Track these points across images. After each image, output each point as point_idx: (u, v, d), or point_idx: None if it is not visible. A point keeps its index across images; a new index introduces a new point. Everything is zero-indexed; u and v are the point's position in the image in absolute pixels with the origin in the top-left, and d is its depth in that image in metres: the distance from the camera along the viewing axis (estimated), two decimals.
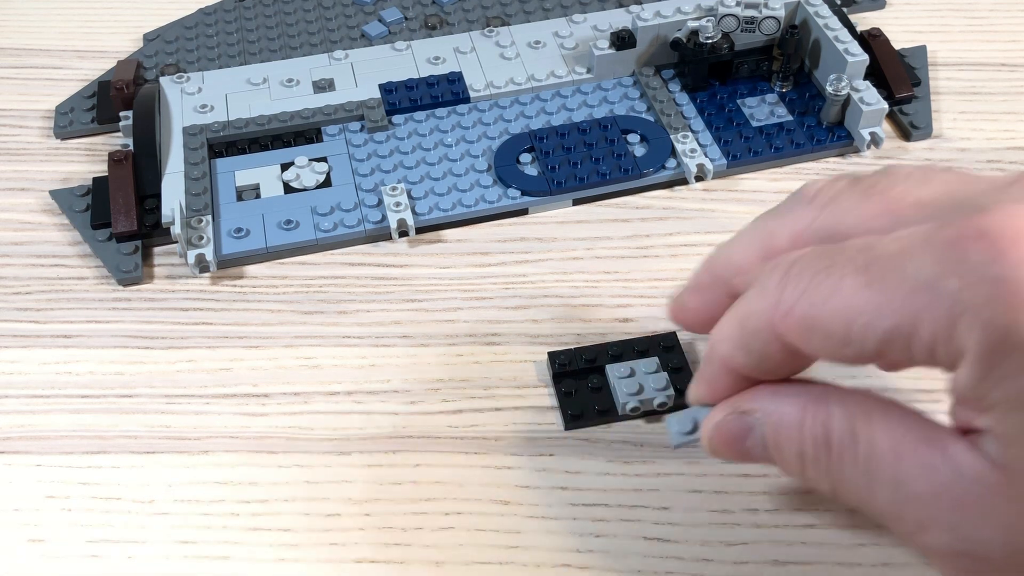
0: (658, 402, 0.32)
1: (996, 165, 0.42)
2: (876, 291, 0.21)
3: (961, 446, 0.21)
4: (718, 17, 0.43)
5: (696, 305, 0.27)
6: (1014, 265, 0.19)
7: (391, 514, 0.31)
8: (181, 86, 0.46)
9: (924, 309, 0.20)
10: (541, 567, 0.30)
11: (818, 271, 0.22)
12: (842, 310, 0.21)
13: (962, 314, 0.19)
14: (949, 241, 0.20)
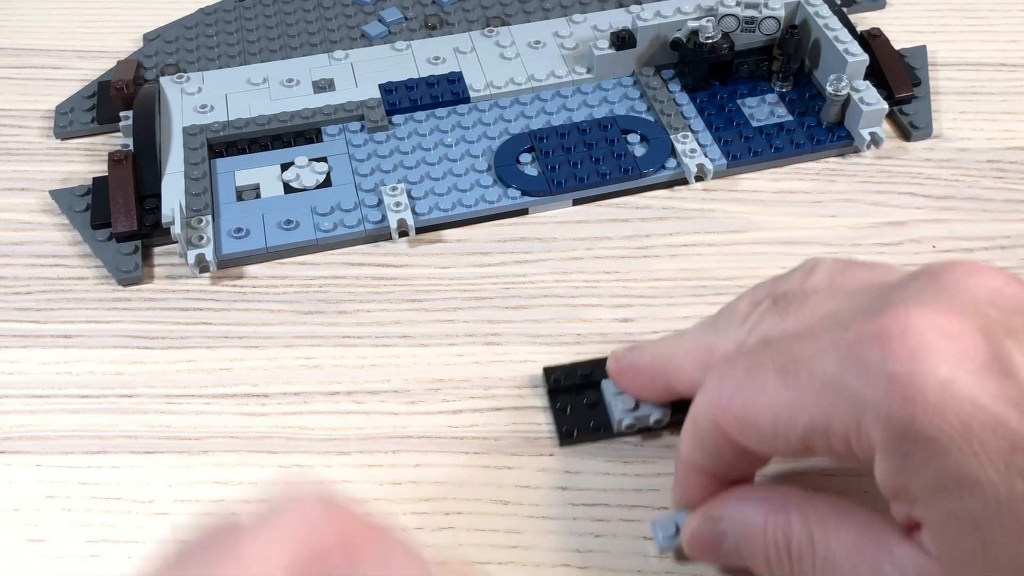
0: (654, 419, 0.32)
1: (996, 165, 0.42)
2: (792, 390, 0.23)
3: (905, 546, 0.22)
4: (718, 17, 0.43)
5: (631, 376, 0.31)
6: (905, 360, 0.21)
7: (391, 514, 0.31)
8: (181, 86, 0.46)
9: (832, 406, 0.22)
10: (541, 567, 0.30)
11: (747, 370, 0.24)
12: (767, 408, 0.23)
13: (864, 410, 0.21)
14: (849, 343, 0.22)
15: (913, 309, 0.22)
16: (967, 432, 0.20)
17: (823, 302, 0.25)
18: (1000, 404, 0.20)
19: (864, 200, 0.41)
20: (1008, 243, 0.39)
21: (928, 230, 0.40)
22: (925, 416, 0.20)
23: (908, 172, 0.42)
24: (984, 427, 0.20)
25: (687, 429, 0.27)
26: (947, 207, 0.41)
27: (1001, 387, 0.20)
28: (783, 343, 0.24)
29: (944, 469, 0.20)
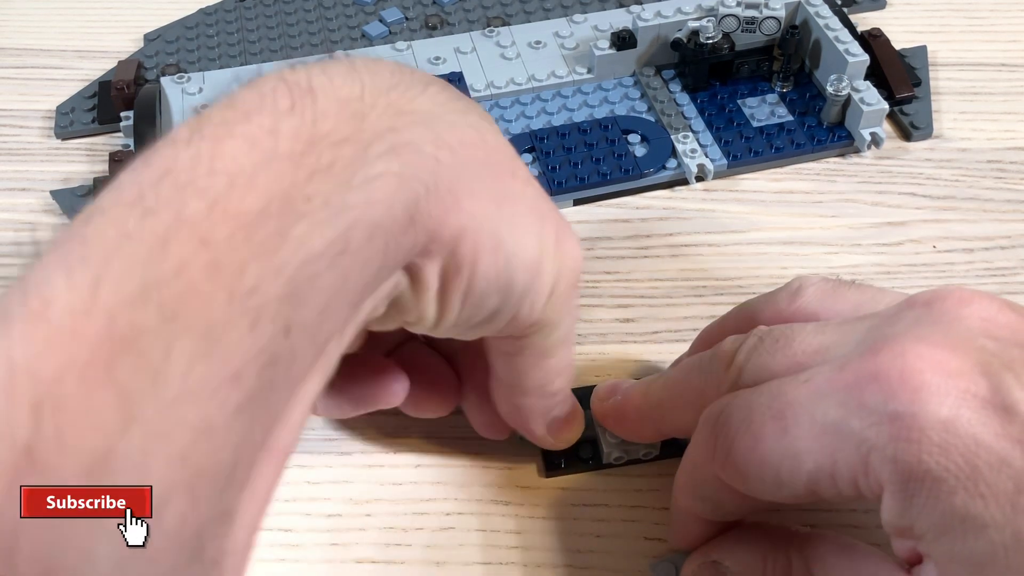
0: (643, 452, 0.31)
1: (996, 165, 0.42)
2: (792, 436, 0.22)
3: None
4: (719, 17, 0.43)
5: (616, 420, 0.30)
6: (907, 402, 0.21)
7: (391, 514, 0.31)
8: (182, 86, 0.46)
9: (837, 450, 0.22)
10: (541, 567, 0.30)
11: (743, 420, 0.24)
12: (768, 456, 0.23)
13: (870, 452, 0.21)
14: (847, 385, 0.22)
15: (909, 346, 0.21)
16: (973, 472, 0.20)
17: (812, 336, 0.24)
18: (1004, 442, 0.20)
19: (864, 200, 0.41)
20: (1008, 243, 0.39)
21: (928, 230, 0.40)
22: (931, 457, 0.20)
23: (908, 172, 0.42)
24: (989, 467, 0.20)
25: (683, 479, 0.26)
26: (947, 207, 0.41)
27: (1003, 425, 0.20)
28: (775, 388, 0.23)
29: (950, 510, 0.20)
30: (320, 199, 0.19)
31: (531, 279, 0.24)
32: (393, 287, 0.22)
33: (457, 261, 0.22)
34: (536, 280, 0.24)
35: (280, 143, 0.19)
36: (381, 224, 0.20)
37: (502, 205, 0.23)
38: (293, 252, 0.18)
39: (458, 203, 0.22)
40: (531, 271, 0.24)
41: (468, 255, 0.22)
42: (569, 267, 0.25)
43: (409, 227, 0.21)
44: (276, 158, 0.19)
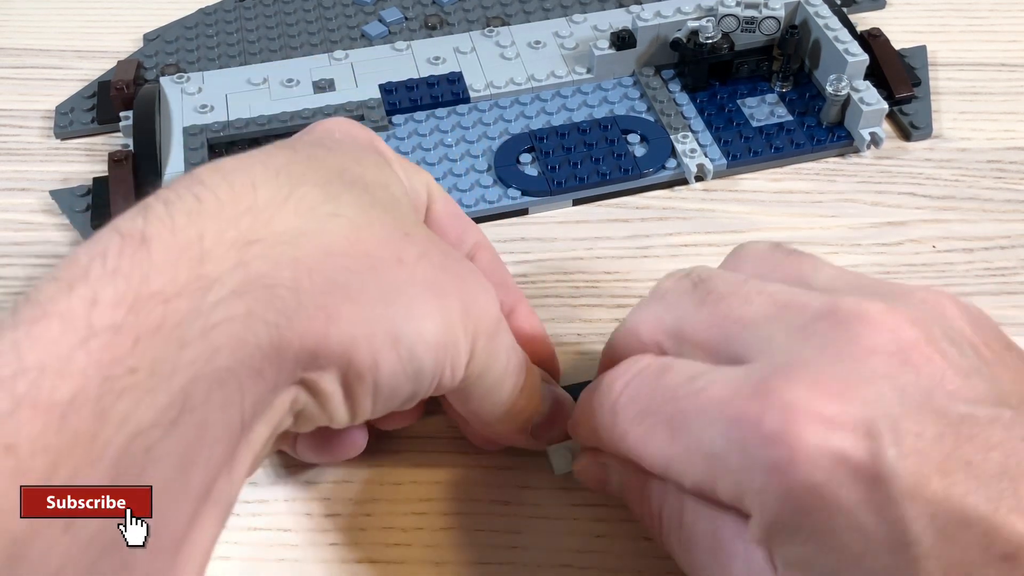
0: None
1: (996, 165, 0.42)
2: (680, 449, 0.23)
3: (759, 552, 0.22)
4: (718, 17, 0.43)
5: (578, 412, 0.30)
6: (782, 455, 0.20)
7: (391, 514, 0.31)
8: (181, 86, 0.46)
9: (718, 476, 0.22)
10: (541, 567, 0.30)
11: (637, 413, 0.24)
12: (657, 455, 0.24)
13: (744, 491, 0.22)
14: (732, 418, 0.22)
15: (797, 391, 0.21)
16: (828, 530, 0.20)
17: (739, 305, 0.24)
18: (861, 510, 0.20)
19: (864, 200, 0.41)
20: (1008, 243, 0.39)
21: (928, 230, 0.40)
22: (793, 513, 0.21)
23: (908, 172, 0.42)
24: (844, 530, 0.20)
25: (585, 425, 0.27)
26: (947, 207, 0.41)
27: (869, 493, 0.20)
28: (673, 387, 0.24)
29: (802, 556, 0.21)
30: (146, 368, 0.19)
31: (442, 356, 0.24)
32: (291, 403, 0.22)
33: (356, 369, 0.22)
34: (448, 354, 0.24)
35: (98, 315, 0.19)
36: (231, 368, 0.20)
37: (391, 300, 0.23)
38: (115, 432, 0.18)
39: (335, 316, 0.21)
40: (439, 350, 0.24)
41: (366, 360, 0.22)
42: (484, 323, 0.25)
43: (277, 357, 0.21)
44: (93, 334, 0.18)
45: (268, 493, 0.32)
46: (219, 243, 0.21)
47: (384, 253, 0.23)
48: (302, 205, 0.22)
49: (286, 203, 0.22)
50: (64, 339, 0.18)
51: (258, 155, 0.24)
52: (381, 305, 0.22)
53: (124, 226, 0.21)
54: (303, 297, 0.21)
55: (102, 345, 0.18)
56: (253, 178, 0.22)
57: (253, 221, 0.21)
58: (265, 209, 0.22)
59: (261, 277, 0.21)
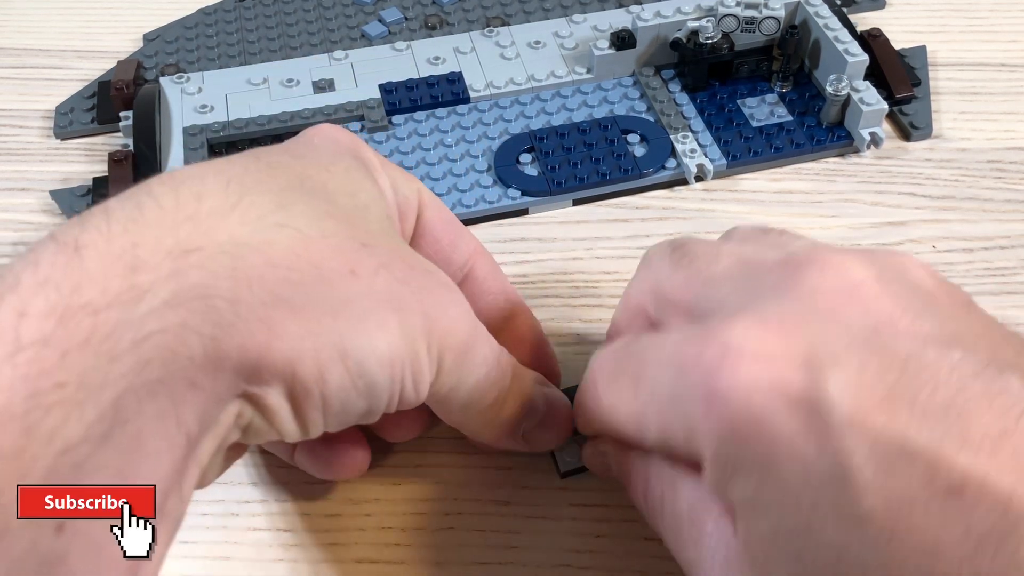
0: None
1: (996, 165, 0.42)
2: (641, 403, 0.24)
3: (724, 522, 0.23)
4: (718, 17, 0.43)
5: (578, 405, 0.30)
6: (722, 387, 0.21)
7: (391, 514, 0.31)
8: (181, 86, 0.46)
9: (672, 422, 0.23)
10: (541, 567, 0.30)
11: (612, 374, 0.26)
12: (626, 414, 0.25)
13: (692, 431, 0.22)
14: (683, 361, 0.22)
15: (741, 327, 0.21)
16: (769, 462, 0.21)
17: (707, 264, 0.25)
18: (799, 440, 0.20)
19: (864, 200, 0.41)
20: (1008, 243, 0.39)
21: (928, 230, 0.40)
22: (736, 443, 0.21)
23: (908, 172, 0.42)
24: (784, 460, 0.20)
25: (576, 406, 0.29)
26: (947, 207, 0.41)
27: (807, 424, 0.20)
28: (642, 343, 0.25)
29: (748, 491, 0.21)
30: (74, 382, 0.18)
31: (398, 372, 0.23)
32: (235, 417, 0.22)
33: (302, 383, 0.22)
34: (406, 370, 0.23)
35: (26, 328, 0.18)
36: (163, 380, 0.19)
37: (339, 313, 0.22)
38: (43, 448, 0.18)
39: (278, 329, 0.21)
40: (394, 366, 0.23)
41: (311, 375, 0.22)
42: (453, 338, 0.25)
43: (212, 369, 0.20)
44: (20, 348, 0.18)
45: (268, 494, 0.32)
46: (154, 252, 0.20)
47: (335, 264, 0.22)
48: (248, 215, 0.22)
49: (231, 213, 0.22)
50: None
51: (217, 164, 0.23)
52: (328, 318, 0.22)
53: (61, 235, 0.20)
54: (242, 309, 0.20)
55: (29, 359, 0.18)
56: (202, 187, 0.22)
57: (193, 230, 0.21)
58: (207, 218, 0.21)
59: (196, 287, 0.20)
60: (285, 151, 0.26)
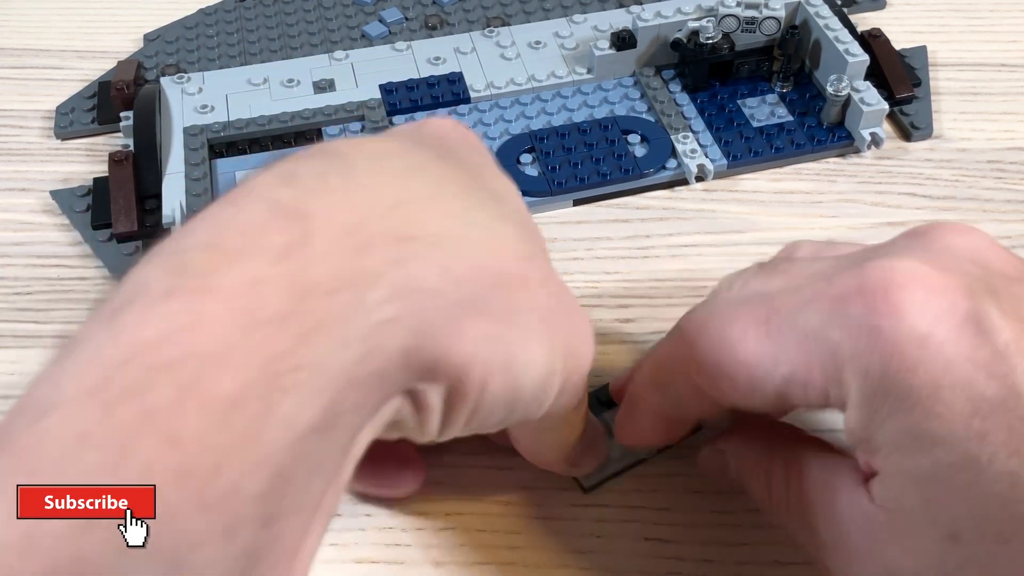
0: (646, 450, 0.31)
1: (996, 165, 0.42)
2: (773, 341, 0.23)
3: (857, 491, 0.23)
4: (718, 17, 0.43)
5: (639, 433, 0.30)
6: (886, 315, 0.21)
7: (391, 514, 0.31)
8: (181, 86, 0.46)
9: (813, 357, 0.22)
10: (541, 567, 0.30)
11: (727, 321, 0.24)
12: (745, 359, 0.24)
13: (844, 363, 0.22)
14: (832, 296, 0.22)
15: (896, 262, 0.22)
16: (935, 392, 0.20)
17: (809, 265, 0.25)
18: (970, 365, 0.20)
19: (864, 200, 0.41)
20: (1008, 243, 0.39)
21: None
22: (899, 373, 0.21)
23: (908, 172, 0.42)
24: (952, 388, 0.20)
25: (650, 373, 0.27)
26: (947, 207, 0.41)
27: (975, 347, 0.20)
28: (766, 297, 0.24)
29: (906, 426, 0.21)
30: (310, 367, 0.17)
31: (540, 390, 0.23)
32: (394, 412, 0.21)
33: (464, 386, 0.21)
34: (544, 389, 0.23)
35: (266, 302, 0.17)
36: (376, 374, 0.19)
37: (511, 323, 0.21)
38: (279, 435, 0.17)
39: (463, 332, 0.20)
40: (540, 383, 0.22)
41: (477, 380, 0.21)
42: (579, 366, 0.24)
43: (405, 365, 0.19)
44: (259, 323, 0.17)
45: None
46: (378, 232, 0.19)
47: (515, 271, 0.22)
48: (451, 207, 0.21)
49: (433, 202, 0.21)
50: (228, 325, 0.17)
51: (392, 143, 0.23)
52: (503, 326, 0.21)
53: (278, 196, 0.19)
54: (442, 306, 0.20)
55: (267, 338, 0.17)
56: (399, 166, 0.21)
57: (407, 215, 0.20)
58: (415, 203, 0.20)
59: (414, 279, 0.19)
60: (438, 145, 0.24)
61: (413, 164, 0.22)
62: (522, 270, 0.22)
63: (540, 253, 0.24)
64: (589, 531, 0.30)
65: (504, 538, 0.30)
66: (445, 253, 0.20)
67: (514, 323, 0.22)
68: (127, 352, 0.17)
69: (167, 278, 0.17)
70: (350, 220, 0.19)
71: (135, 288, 0.18)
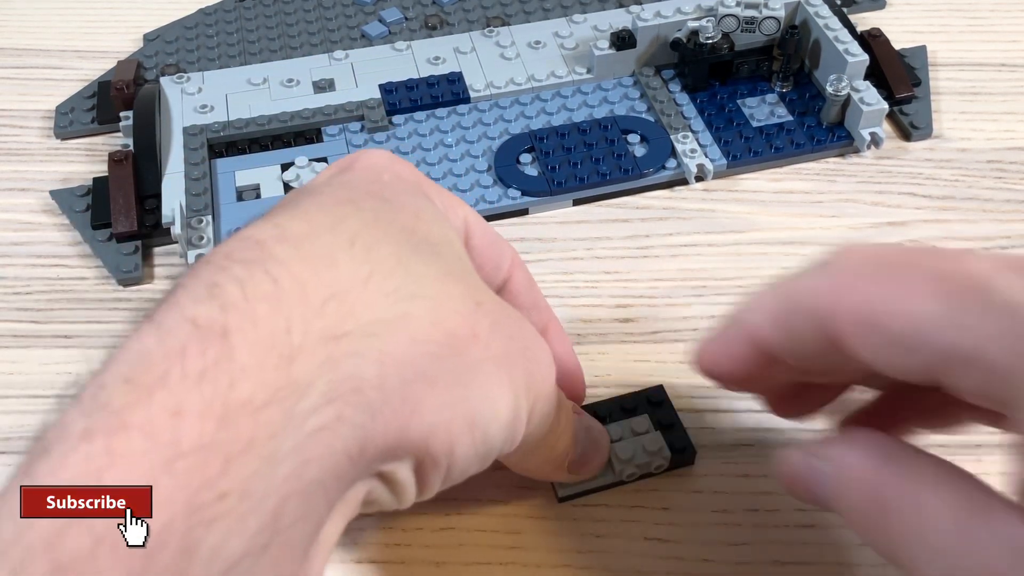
0: (655, 464, 0.31)
1: (996, 165, 0.42)
2: (953, 303, 0.20)
3: (1012, 516, 0.20)
4: (718, 17, 0.43)
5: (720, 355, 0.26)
6: None
7: (391, 514, 0.31)
8: (181, 86, 0.46)
9: (1002, 334, 0.19)
10: (541, 567, 0.30)
11: (889, 267, 0.21)
12: (912, 314, 0.20)
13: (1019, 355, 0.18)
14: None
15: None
16: None
17: None
18: None
19: (864, 200, 0.41)
20: (1008, 243, 0.39)
21: (928, 230, 0.40)
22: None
23: (908, 172, 0.42)
24: None
25: (771, 299, 0.23)
26: (947, 207, 0.41)
27: None
28: (947, 251, 0.21)
29: None
30: (237, 492, 0.17)
31: (509, 432, 0.22)
32: (365, 494, 0.21)
33: (433, 456, 0.21)
34: (514, 428, 0.23)
35: (187, 432, 0.17)
36: (320, 480, 0.18)
37: (467, 382, 0.21)
38: (204, 569, 0.16)
39: (417, 408, 0.20)
40: (509, 426, 0.22)
41: (442, 447, 0.21)
42: (543, 391, 0.24)
43: (360, 458, 0.19)
44: (181, 455, 0.17)
45: None
46: (307, 338, 0.19)
47: (463, 330, 0.21)
48: (384, 285, 0.21)
49: (368, 284, 0.20)
50: (147, 459, 0.16)
51: (322, 215, 0.22)
52: (459, 388, 0.21)
53: (199, 315, 0.18)
54: (388, 394, 0.20)
55: (190, 467, 0.16)
56: (328, 249, 0.20)
57: (338, 309, 0.19)
58: (349, 292, 0.20)
59: (350, 378, 0.19)
60: (375, 194, 0.24)
61: (343, 239, 0.21)
62: (470, 325, 0.22)
63: (485, 297, 0.23)
64: (589, 531, 0.30)
65: (504, 538, 0.30)
66: (383, 340, 0.20)
67: (470, 381, 0.21)
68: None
69: (84, 419, 0.17)
70: (276, 328, 0.18)
71: (57, 431, 0.17)
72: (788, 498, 0.31)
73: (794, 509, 0.31)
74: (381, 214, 0.23)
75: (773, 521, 0.30)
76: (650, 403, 0.32)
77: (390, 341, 0.20)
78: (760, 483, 0.31)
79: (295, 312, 0.19)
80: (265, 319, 0.19)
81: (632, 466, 0.31)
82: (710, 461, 0.32)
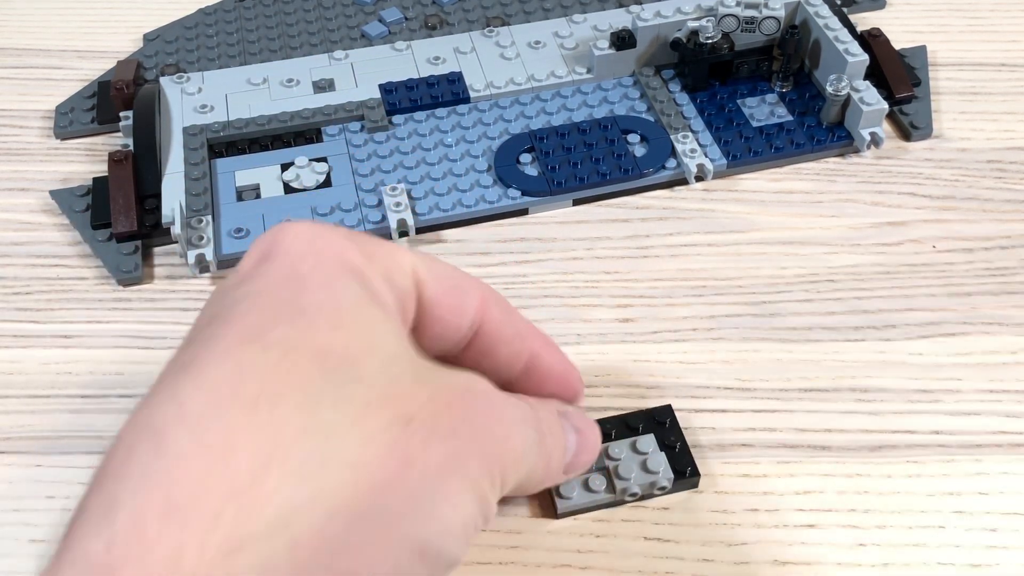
0: (658, 487, 0.30)
1: (996, 165, 0.42)
2: None
3: None
4: (718, 17, 0.43)
5: None
6: None
7: None
8: (181, 86, 0.46)
9: None
10: (541, 567, 0.30)
11: None
12: None
13: None
14: None
15: None
16: None
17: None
18: None
19: (864, 200, 0.41)
20: (1008, 243, 0.39)
21: (928, 230, 0.40)
22: None
23: (908, 172, 0.42)
24: None
25: None
26: (947, 207, 0.41)
27: None
28: None
29: None
30: None
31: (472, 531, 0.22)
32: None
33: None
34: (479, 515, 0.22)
35: None
36: None
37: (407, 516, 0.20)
38: None
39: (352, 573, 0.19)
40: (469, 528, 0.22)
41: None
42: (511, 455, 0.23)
43: None
44: None
45: None
46: (202, 557, 0.17)
47: (391, 466, 0.20)
48: (288, 464, 0.19)
49: (270, 467, 0.19)
50: None
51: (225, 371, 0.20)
52: (396, 529, 0.20)
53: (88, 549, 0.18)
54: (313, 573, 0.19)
55: None
56: (227, 431, 0.19)
57: (238, 513, 0.18)
58: (250, 487, 0.18)
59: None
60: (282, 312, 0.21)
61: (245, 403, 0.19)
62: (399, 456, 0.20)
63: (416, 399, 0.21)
64: (589, 531, 0.30)
65: (504, 538, 0.30)
66: (293, 528, 0.19)
67: (409, 516, 0.20)
68: None
69: None
70: (164, 555, 0.17)
71: None
72: (788, 498, 0.31)
73: (794, 509, 0.31)
74: (291, 344, 0.20)
75: (772, 521, 0.30)
76: (656, 422, 0.32)
77: (302, 525, 0.19)
78: (760, 483, 0.31)
79: (188, 529, 0.18)
80: (154, 541, 0.18)
81: (634, 486, 0.30)
82: (710, 461, 0.32)
